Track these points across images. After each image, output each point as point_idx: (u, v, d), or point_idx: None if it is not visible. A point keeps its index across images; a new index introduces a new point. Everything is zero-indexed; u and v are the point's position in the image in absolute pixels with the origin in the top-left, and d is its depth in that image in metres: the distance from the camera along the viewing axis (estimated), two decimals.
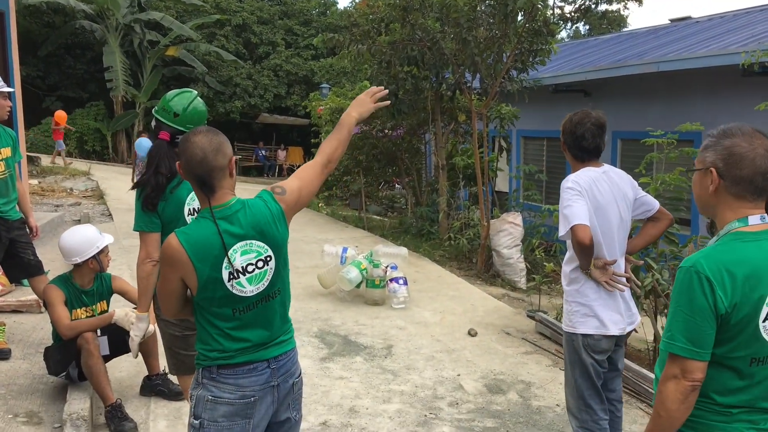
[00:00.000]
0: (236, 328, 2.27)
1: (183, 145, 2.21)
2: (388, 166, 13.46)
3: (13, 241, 4.71)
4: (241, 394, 2.27)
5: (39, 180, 14.75)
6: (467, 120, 10.21)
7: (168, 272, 2.22)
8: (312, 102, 17.97)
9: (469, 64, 8.30)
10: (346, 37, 9.34)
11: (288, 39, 28.69)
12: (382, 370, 5.02)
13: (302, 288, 7.24)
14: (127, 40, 25.26)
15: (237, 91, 27.17)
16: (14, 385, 4.24)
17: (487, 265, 8.46)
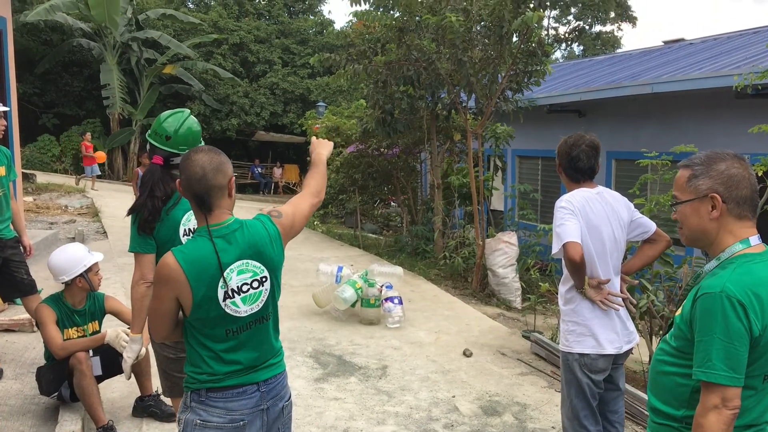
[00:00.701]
0: (228, 350, 2.26)
1: (184, 162, 2.22)
2: (384, 185, 13.50)
3: (6, 260, 4.69)
4: (230, 417, 2.25)
5: (34, 197, 14.71)
6: (462, 139, 10.26)
7: (162, 291, 2.19)
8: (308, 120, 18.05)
9: (465, 84, 8.35)
10: (342, 57, 9.39)
11: (285, 58, 28.87)
12: (376, 390, 4.99)
13: (297, 307, 7.21)
14: (125, 58, 25.35)
15: (234, 109, 27.27)
16: (5, 405, 4.20)
17: (482, 284, 8.45)
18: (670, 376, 2.00)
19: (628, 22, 33.65)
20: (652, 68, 10.81)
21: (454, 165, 11.42)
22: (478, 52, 8.30)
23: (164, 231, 3.09)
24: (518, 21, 7.23)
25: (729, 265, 1.92)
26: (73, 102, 27.09)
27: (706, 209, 1.97)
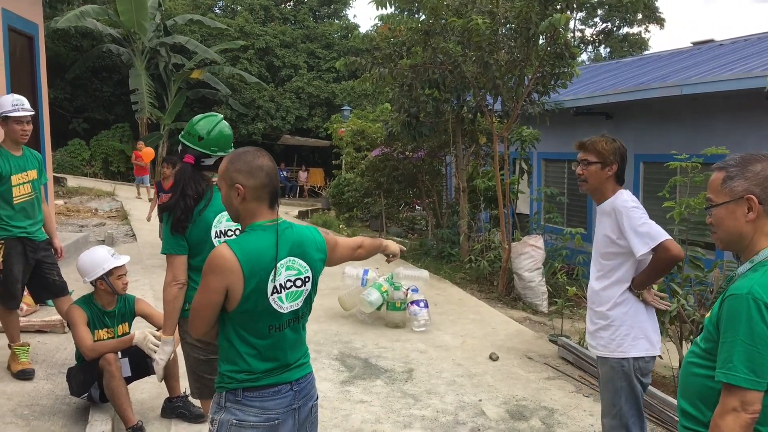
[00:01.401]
0: (268, 348, 2.29)
1: (251, 163, 2.26)
2: (409, 188, 13.49)
3: (38, 262, 4.78)
4: (266, 417, 2.28)
5: (65, 200, 14.97)
6: (488, 142, 10.21)
7: (213, 282, 2.19)
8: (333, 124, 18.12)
9: (491, 87, 8.32)
10: (367, 60, 9.41)
11: (310, 62, 29.05)
12: (402, 394, 4.98)
13: (323, 310, 7.23)
14: (153, 63, 25.69)
15: (260, 113, 27.50)
16: (37, 405, 4.27)
17: (508, 288, 8.40)
18: (698, 378, 1.98)
19: (655, 23, 33.26)
20: (681, 69, 10.66)
21: (479, 168, 11.38)
22: (504, 54, 8.27)
23: (196, 233, 3.13)
24: (545, 23, 7.18)
25: (761, 268, 1.89)
26: (102, 107, 27.54)
27: (742, 211, 1.94)
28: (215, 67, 26.25)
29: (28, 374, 4.67)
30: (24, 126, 4.61)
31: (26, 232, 4.68)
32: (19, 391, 4.45)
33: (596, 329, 3.24)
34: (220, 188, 2.32)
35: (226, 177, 2.27)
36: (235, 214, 2.32)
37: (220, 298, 2.21)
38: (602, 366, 3.24)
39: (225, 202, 2.32)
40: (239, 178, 2.24)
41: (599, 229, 3.26)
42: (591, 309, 3.31)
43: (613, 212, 3.14)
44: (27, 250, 4.68)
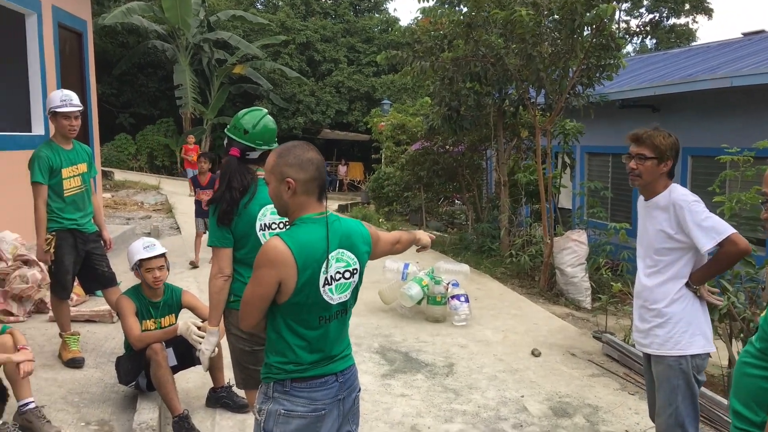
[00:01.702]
0: (316, 339, 2.31)
1: (301, 156, 2.28)
2: (449, 182, 13.42)
3: (88, 254, 4.89)
4: (313, 407, 2.31)
5: (112, 194, 15.31)
6: (530, 136, 10.09)
7: (266, 274, 2.20)
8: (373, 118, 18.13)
9: (534, 79, 8.20)
10: (408, 54, 9.37)
11: (350, 56, 29.11)
12: (443, 388, 4.97)
13: (363, 303, 7.25)
14: (197, 59, 26.06)
15: (300, 108, 27.69)
16: (87, 393, 4.38)
17: (550, 283, 8.30)
18: (753, 379, 1.93)
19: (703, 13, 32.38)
20: (731, 61, 10.36)
21: (520, 162, 11.25)
22: (547, 46, 8.14)
23: (241, 225, 3.17)
24: (591, 14, 7.05)
25: None
26: (147, 102, 28.07)
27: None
28: (257, 62, 26.51)
29: (78, 362, 4.79)
30: (72, 121, 4.72)
31: (77, 224, 4.80)
32: (70, 379, 4.57)
33: (650, 327, 3.16)
34: (269, 182, 2.32)
35: (276, 171, 2.28)
36: (283, 207, 2.33)
37: (272, 291, 2.23)
38: (657, 365, 3.16)
39: (273, 196, 2.32)
40: (290, 172, 2.26)
41: (651, 224, 3.17)
42: (643, 307, 3.22)
43: (671, 207, 3.06)
44: (77, 242, 4.80)
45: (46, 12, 7.93)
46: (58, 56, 8.28)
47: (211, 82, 26.63)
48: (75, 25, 8.96)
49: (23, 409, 3.64)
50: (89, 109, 9.16)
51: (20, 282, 5.82)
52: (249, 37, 27.44)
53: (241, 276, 3.20)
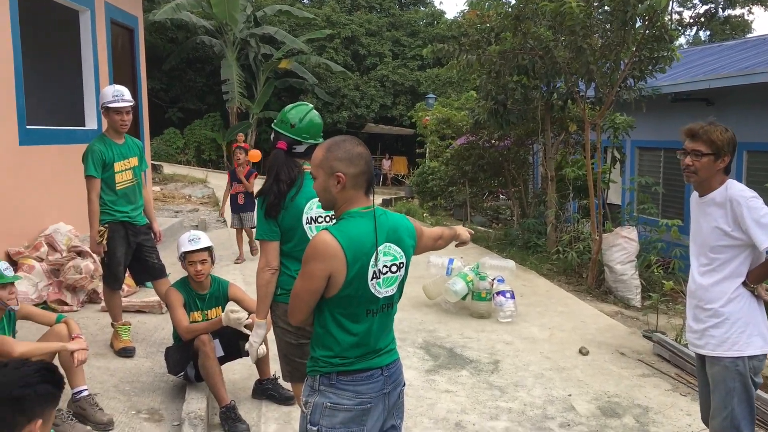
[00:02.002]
0: (363, 333, 2.31)
1: (350, 151, 2.28)
2: (494, 177, 13.29)
3: (139, 246, 4.99)
4: (359, 400, 2.31)
5: (161, 187, 15.62)
6: (579, 130, 9.91)
7: (316, 268, 2.20)
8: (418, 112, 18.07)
9: (584, 72, 8.04)
10: (454, 47, 9.29)
11: (395, 50, 29.07)
12: (488, 385, 4.92)
13: (407, 298, 7.23)
14: (243, 54, 26.38)
15: (344, 102, 27.78)
16: (137, 382, 4.47)
17: (598, 280, 8.14)
18: None
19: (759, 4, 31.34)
20: None
21: (568, 157, 11.07)
22: (598, 38, 7.97)
23: (288, 219, 3.18)
24: (644, 5, 6.87)
25: None
26: (195, 97, 28.54)
27: None
28: (302, 56, 26.69)
29: (129, 352, 4.90)
30: (123, 116, 4.81)
31: (128, 216, 4.90)
32: (121, 368, 4.68)
33: (705, 328, 3.06)
34: (317, 177, 2.32)
35: (325, 165, 2.28)
36: (331, 201, 2.33)
37: (322, 285, 2.23)
38: (712, 366, 3.06)
39: (321, 189, 2.32)
40: (340, 166, 2.25)
41: (706, 221, 3.07)
42: (698, 306, 3.11)
43: (727, 203, 2.95)
44: (129, 234, 4.90)
45: (99, 9, 8.10)
46: (111, 52, 8.46)
47: (257, 77, 26.93)
48: (126, 21, 9.14)
49: (77, 396, 3.74)
50: (140, 104, 9.34)
51: (74, 272, 5.98)
52: (295, 32, 27.65)
53: (287, 269, 3.21)
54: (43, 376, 1.84)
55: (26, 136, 6.51)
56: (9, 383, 1.77)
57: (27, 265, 6.01)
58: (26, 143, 6.50)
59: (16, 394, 1.77)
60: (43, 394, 1.83)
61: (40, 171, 6.76)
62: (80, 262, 6.09)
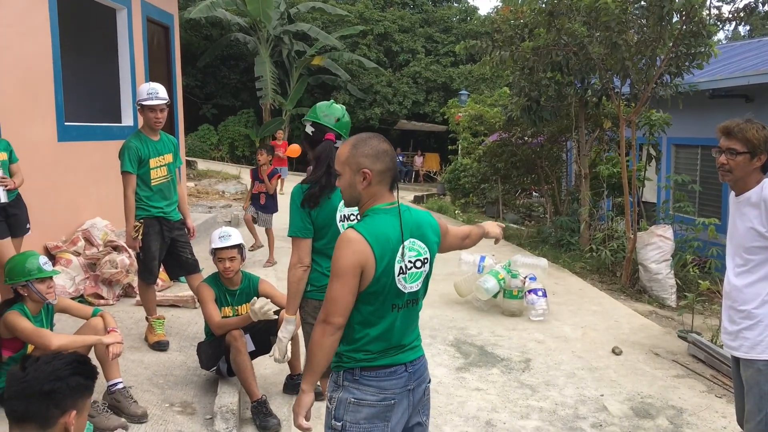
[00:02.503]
0: (387, 329, 2.31)
1: (376, 147, 2.31)
2: (527, 174, 13.18)
3: (173, 241, 5.06)
4: (383, 396, 2.31)
5: (195, 183, 15.81)
6: (613, 127, 9.76)
7: (349, 268, 2.19)
8: (450, 109, 17.98)
9: (619, 68, 7.92)
10: (487, 44, 9.22)
11: (428, 46, 28.97)
12: (519, 384, 4.89)
13: (438, 295, 7.22)
14: (277, 51, 26.53)
15: (377, 98, 27.78)
16: (171, 375, 4.54)
17: (632, 279, 8.03)
18: None
19: None
20: None
21: (602, 154, 10.92)
22: (633, 34, 7.84)
23: (323, 215, 3.18)
24: (682, 0, 6.74)
25: None
26: (229, 93, 28.80)
27: None
28: (335, 53, 26.74)
29: (163, 346, 4.98)
30: (158, 114, 4.87)
31: (163, 212, 4.97)
32: (155, 361, 4.75)
33: (739, 329, 2.99)
34: (342, 173, 2.34)
35: (351, 162, 2.29)
36: (355, 198, 2.34)
37: (357, 281, 2.23)
38: (746, 369, 2.99)
39: (347, 186, 2.34)
40: (366, 163, 2.27)
41: (741, 221, 3.00)
42: (732, 307, 3.04)
43: (762, 203, 2.87)
44: (163, 229, 4.98)
45: (136, 7, 8.23)
46: (146, 49, 8.59)
47: (290, 74, 27.07)
48: (162, 19, 9.27)
49: (112, 389, 3.81)
50: (175, 101, 9.47)
51: (110, 267, 6.09)
52: (328, 29, 27.71)
53: (319, 266, 3.23)
54: (75, 368, 1.88)
55: (64, 132, 6.65)
56: (40, 378, 1.81)
57: (65, 259, 6.14)
58: (64, 139, 6.64)
59: (47, 388, 1.80)
60: (75, 387, 1.86)
61: (78, 167, 6.90)
62: (116, 256, 6.20)
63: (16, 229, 4.93)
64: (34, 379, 1.80)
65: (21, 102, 5.90)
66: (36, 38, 6.20)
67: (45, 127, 6.33)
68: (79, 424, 1.89)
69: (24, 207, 5.03)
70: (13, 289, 3.66)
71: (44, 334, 3.53)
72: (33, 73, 6.14)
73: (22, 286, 3.61)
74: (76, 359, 1.91)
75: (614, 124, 9.56)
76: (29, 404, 1.79)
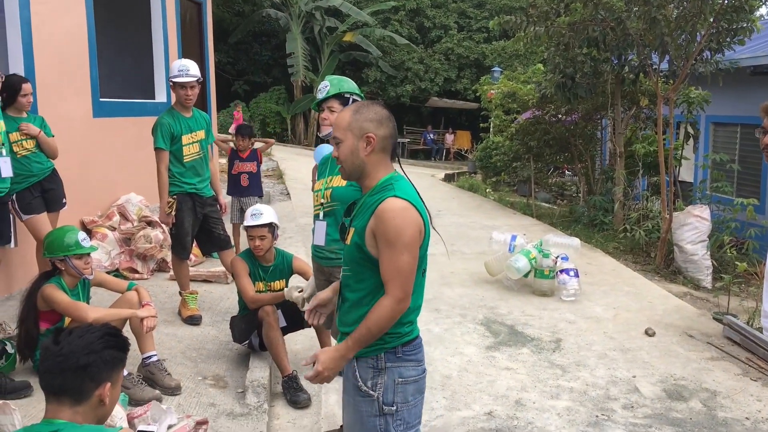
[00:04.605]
0: (418, 296, 2.27)
1: (380, 112, 2.25)
2: (560, 153, 13.00)
3: (205, 217, 5.11)
4: (421, 369, 2.29)
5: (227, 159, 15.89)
6: (650, 105, 9.57)
7: (413, 236, 2.14)
8: (482, 86, 17.76)
9: (657, 44, 7.72)
10: (522, 19, 9.06)
11: (461, 22, 28.57)
12: (550, 364, 4.86)
13: (468, 274, 7.20)
14: (308, 27, 26.44)
15: (408, 75, 27.55)
16: (204, 349, 4.60)
17: (666, 260, 7.89)
18: None
19: None
20: None
21: (638, 132, 10.70)
22: (672, 9, 7.63)
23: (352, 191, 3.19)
24: None
25: None
26: (261, 70, 28.83)
27: None
28: (366, 29, 26.55)
29: (196, 320, 5.05)
30: (188, 91, 4.89)
31: (195, 188, 5.02)
32: (189, 335, 4.83)
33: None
34: (343, 140, 2.23)
35: (354, 126, 2.21)
36: (358, 167, 2.24)
37: (418, 252, 2.19)
38: None
39: (348, 153, 2.22)
40: (370, 127, 2.21)
41: None
42: None
43: None
44: (196, 205, 5.02)
45: None
46: (179, 26, 8.62)
47: (321, 50, 26.98)
48: None
49: (147, 361, 3.89)
50: (207, 78, 9.50)
51: (144, 242, 6.19)
52: (359, 4, 27.48)
53: None
54: (107, 341, 1.90)
55: (99, 108, 6.72)
56: (75, 351, 1.84)
57: (100, 233, 6.25)
58: (99, 115, 6.72)
59: (82, 362, 1.83)
60: (108, 359, 1.89)
61: (113, 142, 6.98)
62: (150, 231, 6.28)
63: (53, 204, 5.03)
64: (70, 352, 1.83)
65: (57, 78, 5.97)
66: (71, 14, 6.25)
67: (80, 103, 6.41)
68: (113, 396, 1.92)
69: (60, 182, 5.12)
70: (51, 262, 3.73)
71: (80, 307, 3.60)
72: (69, 49, 6.20)
73: (59, 261, 3.68)
74: (108, 332, 1.93)
75: (651, 101, 9.35)
76: (65, 378, 1.83)
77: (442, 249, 5.27)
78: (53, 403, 1.85)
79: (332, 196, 3.39)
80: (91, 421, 1.87)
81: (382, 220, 2.12)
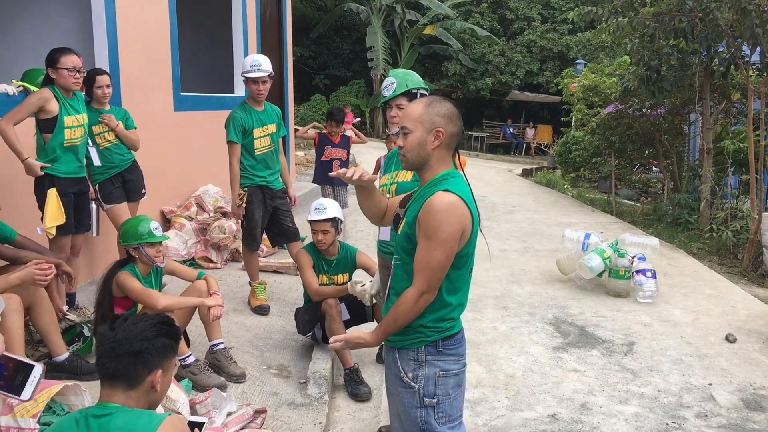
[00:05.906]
0: (464, 293, 2.33)
1: (451, 109, 2.28)
2: (645, 148, 12.51)
3: (275, 209, 5.21)
4: (462, 363, 2.34)
5: (305, 152, 16.17)
6: (742, 99, 9.06)
7: (454, 231, 2.16)
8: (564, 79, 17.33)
9: (748, 36, 7.30)
10: (605, 10, 8.76)
11: (544, 13, 27.93)
12: (620, 367, 4.70)
13: (539, 272, 7.05)
14: (389, 21, 26.50)
15: (489, 68, 27.17)
16: (270, 339, 4.70)
17: (755, 263, 7.48)
18: None
19: None
20: None
21: (729, 128, 10.17)
22: None
23: None
24: None
25: None
26: (341, 64, 29.15)
27: None
28: (447, 22, 26.35)
29: (264, 310, 5.16)
30: (259, 86, 4.99)
31: (266, 181, 5.12)
32: (256, 325, 4.94)
33: None
34: (412, 131, 2.25)
35: (425, 119, 2.24)
36: (423, 159, 2.26)
37: (457, 246, 2.21)
38: None
39: (415, 144, 2.25)
40: (441, 122, 2.24)
41: None
42: None
43: None
44: (266, 198, 5.13)
45: None
46: (259, 21, 8.80)
47: (401, 44, 26.99)
48: None
49: (214, 348, 4.00)
50: (285, 72, 9.68)
51: (219, 232, 6.37)
52: None
53: None
54: (160, 330, 1.98)
55: (180, 102, 6.96)
56: (129, 338, 1.92)
57: (178, 223, 6.48)
58: (180, 109, 6.96)
59: (136, 348, 1.92)
60: (160, 347, 1.97)
61: (192, 135, 7.22)
62: (224, 222, 6.47)
63: (133, 194, 5.24)
64: (124, 338, 1.92)
65: (140, 72, 6.21)
66: (155, 11, 6.49)
67: (162, 96, 6.65)
68: (164, 382, 1.99)
69: (140, 173, 5.33)
70: (126, 250, 3.90)
71: (152, 294, 3.74)
72: (152, 43, 6.44)
73: (133, 249, 3.83)
74: (161, 321, 2.01)
75: (743, 95, 8.87)
76: (119, 363, 1.91)
77: (514, 246, 5.18)
78: (107, 387, 1.93)
79: (398, 190, 3.39)
80: (142, 406, 1.95)
81: (428, 212, 2.17)
